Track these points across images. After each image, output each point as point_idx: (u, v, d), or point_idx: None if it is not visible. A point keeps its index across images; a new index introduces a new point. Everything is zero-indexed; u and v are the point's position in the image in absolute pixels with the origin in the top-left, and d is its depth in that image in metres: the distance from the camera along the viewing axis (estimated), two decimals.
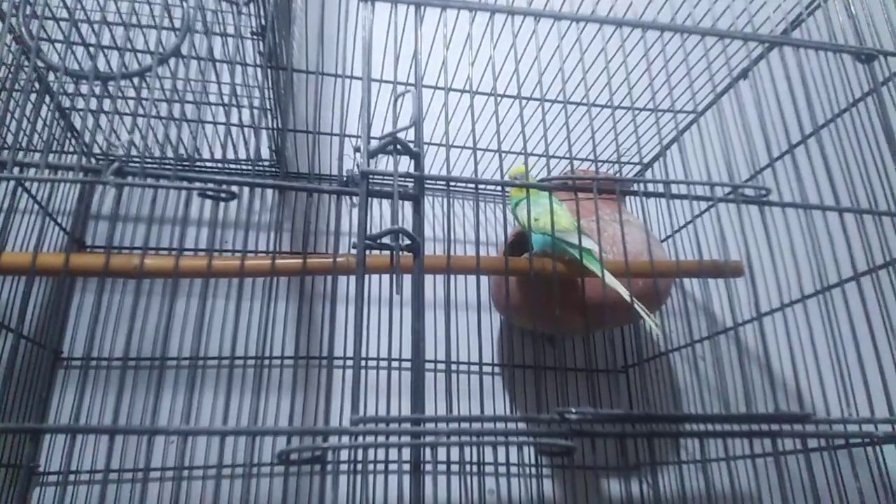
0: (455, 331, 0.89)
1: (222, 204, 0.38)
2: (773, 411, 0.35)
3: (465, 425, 0.33)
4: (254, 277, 0.73)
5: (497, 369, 0.90)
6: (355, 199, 1.01)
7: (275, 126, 0.85)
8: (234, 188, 0.37)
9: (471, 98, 0.56)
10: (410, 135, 0.42)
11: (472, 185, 0.98)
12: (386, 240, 0.36)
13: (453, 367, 0.86)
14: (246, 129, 0.88)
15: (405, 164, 0.41)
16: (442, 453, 0.72)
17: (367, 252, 0.38)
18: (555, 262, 0.61)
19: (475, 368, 0.87)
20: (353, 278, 0.85)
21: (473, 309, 0.91)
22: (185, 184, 0.36)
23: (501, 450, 0.73)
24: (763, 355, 0.72)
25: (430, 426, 0.32)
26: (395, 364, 0.84)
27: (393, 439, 0.30)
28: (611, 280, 0.62)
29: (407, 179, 0.41)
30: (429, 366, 0.86)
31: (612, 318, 0.74)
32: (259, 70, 0.78)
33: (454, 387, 0.86)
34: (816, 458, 0.47)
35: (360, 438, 0.28)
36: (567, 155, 0.90)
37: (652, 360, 0.89)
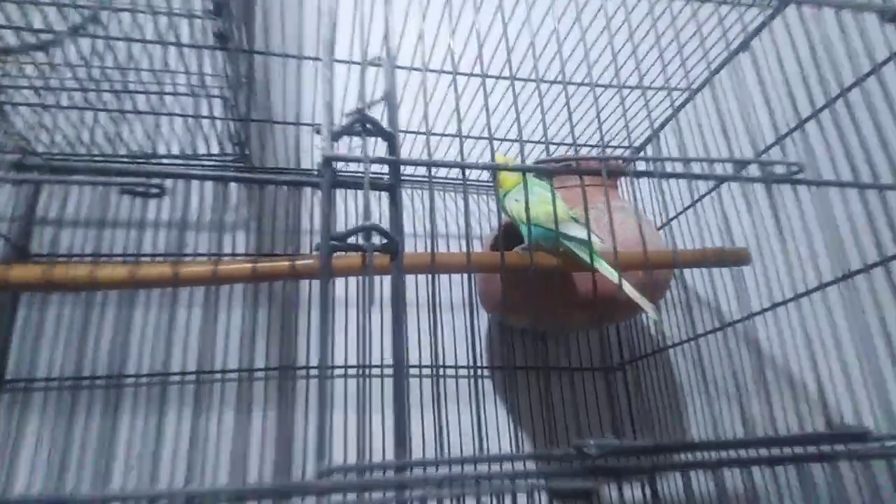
0: (441, 332, 0.82)
1: (180, 205, 0.31)
2: (826, 429, 0.30)
3: (460, 465, 0.26)
4: (192, 286, 0.65)
5: (486, 371, 0.84)
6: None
7: (231, 116, 0.77)
8: (188, 183, 0.30)
9: (453, 79, 0.50)
10: (390, 120, 0.36)
11: (456, 174, 0.91)
12: (357, 238, 0.30)
13: (440, 370, 0.80)
14: (208, 122, 0.81)
15: (377, 151, 0.34)
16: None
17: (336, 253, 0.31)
18: (559, 258, 0.55)
19: (463, 372, 0.81)
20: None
21: (455, 308, 0.84)
22: (102, 178, 0.29)
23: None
24: (780, 349, 0.67)
25: (417, 472, 0.25)
26: (368, 371, 0.77)
27: (373, 495, 0.23)
28: (606, 270, 0.56)
29: (380, 172, 0.35)
30: (413, 371, 0.79)
31: (618, 312, 0.68)
32: (213, 53, 0.71)
33: (441, 392, 0.79)
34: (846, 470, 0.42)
35: (328, 500, 0.21)
36: (568, 140, 0.83)
37: (650, 357, 0.83)
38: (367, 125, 0.32)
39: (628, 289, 0.56)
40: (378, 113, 0.70)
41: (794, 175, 0.35)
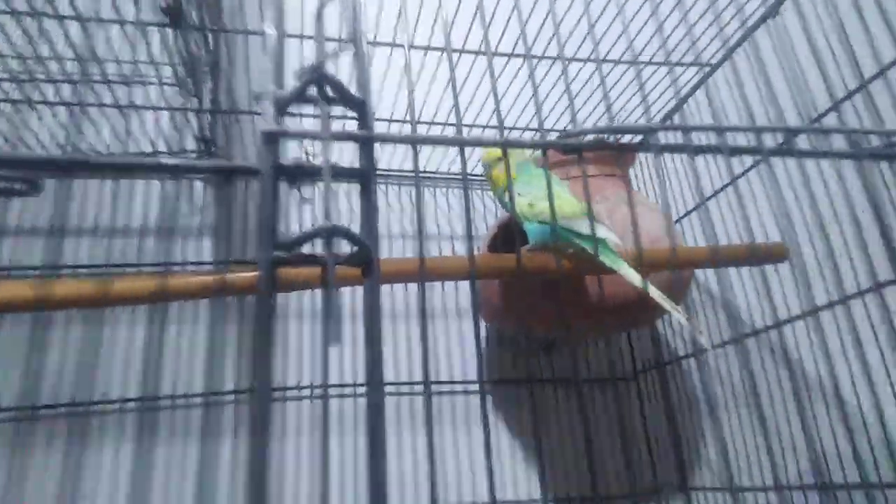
0: (434, 343, 0.74)
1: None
2: None
3: None
4: (74, 308, 0.53)
5: (487, 387, 0.75)
6: (305, 192, 0.83)
7: (190, 106, 0.68)
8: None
9: (447, 55, 0.42)
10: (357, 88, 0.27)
11: (447, 167, 0.81)
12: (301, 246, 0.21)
13: (433, 387, 0.72)
14: (168, 113, 0.72)
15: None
16: None
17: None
18: (572, 259, 0.46)
19: (459, 388, 0.73)
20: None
21: (448, 316, 0.76)
22: None
23: None
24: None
25: None
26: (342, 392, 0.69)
27: None
28: (627, 273, 0.48)
29: (347, 169, 0.26)
30: (405, 388, 0.71)
31: (641, 319, 0.60)
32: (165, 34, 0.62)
33: (435, 415, 0.71)
34: None
35: None
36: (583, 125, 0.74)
37: (668, 365, 0.75)
38: (327, 88, 0.23)
39: (655, 293, 0.47)
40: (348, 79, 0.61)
41: (894, 146, 0.27)
